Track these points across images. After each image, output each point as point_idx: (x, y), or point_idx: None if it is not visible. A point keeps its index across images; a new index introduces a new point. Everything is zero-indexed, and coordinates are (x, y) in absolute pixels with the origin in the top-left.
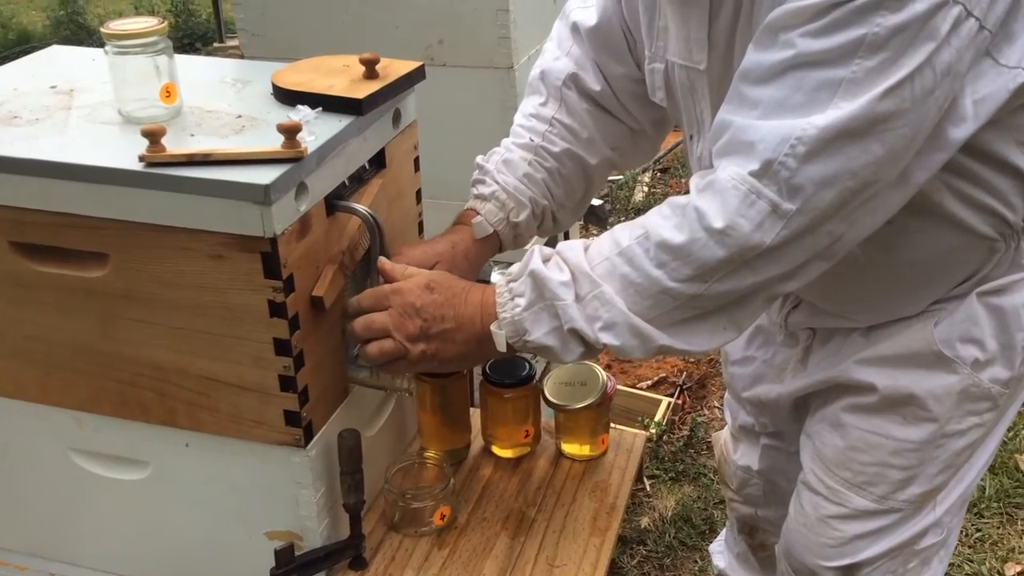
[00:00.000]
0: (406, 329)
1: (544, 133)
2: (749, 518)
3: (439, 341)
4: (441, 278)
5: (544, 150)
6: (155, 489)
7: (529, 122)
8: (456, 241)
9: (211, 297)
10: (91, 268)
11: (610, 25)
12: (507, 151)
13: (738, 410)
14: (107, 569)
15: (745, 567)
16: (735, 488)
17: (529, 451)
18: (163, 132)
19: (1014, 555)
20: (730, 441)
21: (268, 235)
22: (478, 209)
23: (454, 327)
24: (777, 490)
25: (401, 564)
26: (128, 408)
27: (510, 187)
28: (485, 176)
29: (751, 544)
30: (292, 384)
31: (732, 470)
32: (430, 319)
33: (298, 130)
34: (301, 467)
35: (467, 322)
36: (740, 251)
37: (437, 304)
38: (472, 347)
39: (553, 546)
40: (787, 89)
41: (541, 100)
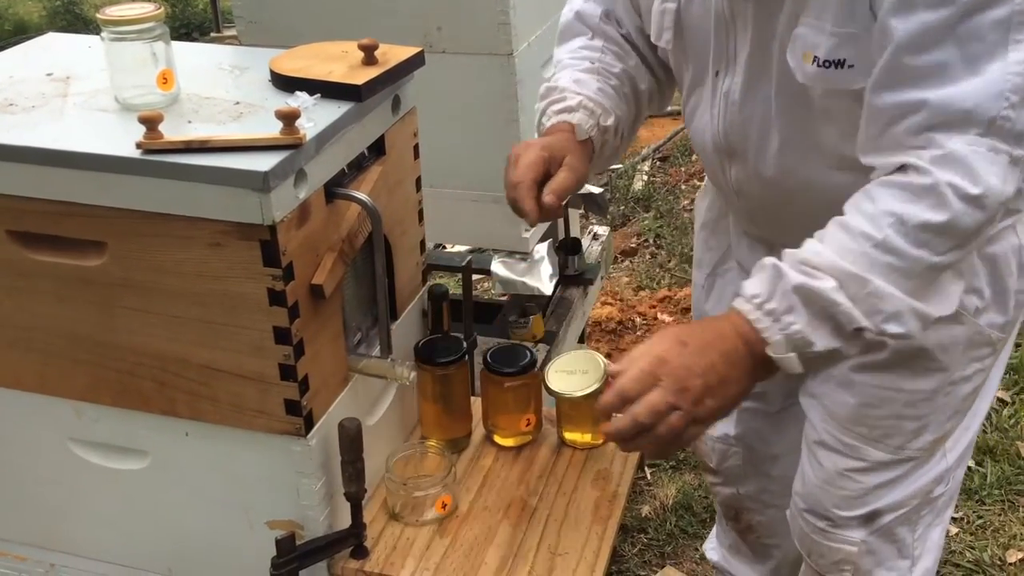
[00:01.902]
0: (690, 394)
1: (599, 58)
2: (732, 499)
3: (721, 389)
4: (680, 331)
5: (605, 70)
6: (155, 479)
7: (581, 53)
8: (562, 137)
9: (210, 285)
10: (89, 257)
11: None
12: (571, 71)
13: None
14: (107, 559)
15: (738, 557)
16: (715, 465)
17: (530, 440)
18: (160, 119)
19: (1016, 542)
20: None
21: (267, 223)
22: (569, 120)
23: (727, 369)
24: (755, 456)
25: (402, 553)
26: (127, 398)
27: (591, 96)
28: (564, 93)
29: (738, 529)
30: (292, 373)
31: (710, 445)
32: (704, 372)
33: (296, 116)
34: (302, 456)
35: (737, 359)
36: (995, 209)
37: (702, 355)
38: (749, 381)
39: (555, 534)
40: (962, 44)
41: (587, 36)
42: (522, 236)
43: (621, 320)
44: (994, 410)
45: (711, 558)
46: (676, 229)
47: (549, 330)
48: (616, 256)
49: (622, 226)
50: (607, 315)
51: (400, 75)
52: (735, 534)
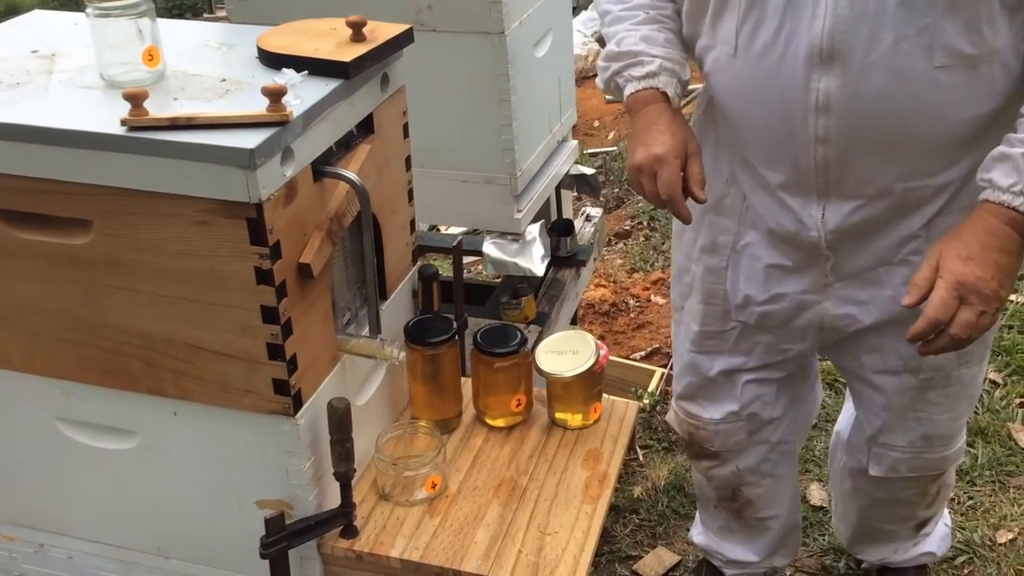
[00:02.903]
0: (992, 298)
1: (651, 4)
2: (731, 477)
3: (1009, 276)
4: (955, 247)
5: (662, 16)
6: (144, 458)
7: (630, 3)
8: (675, 117)
9: (196, 264)
10: (75, 235)
11: None
12: (636, 30)
13: (716, 359)
14: (96, 539)
15: (730, 538)
16: (718, 447)
17: (521, 420)
18: (145, 96)
19: (1005, 523)
20: (692, 407)
21: (253, 201)
22: (655, 85)
23: (1008, 260)
24: (758, 426)
25: (392, 532)
26: (115, 377)
27: (665, 55)
28: (639, 57)
29: (735, 508)
30: (280, 352)
31: (711, 431)
32: (994, 273)
33: (283, 93)
34: (291, 436)
35: (1012, 246)
36: None
37: (985, 260)
38: (1019, 257)
39: (545, 514)
40: None
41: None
42: (514, 217)
43: (614, 302)
44: (986, 392)
45: (698, 542)
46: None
47: (541, 311)
48: (610, 238)
49: (616, 208)
50: (600, 297)
51: (389, 52)
52: (728, 515)
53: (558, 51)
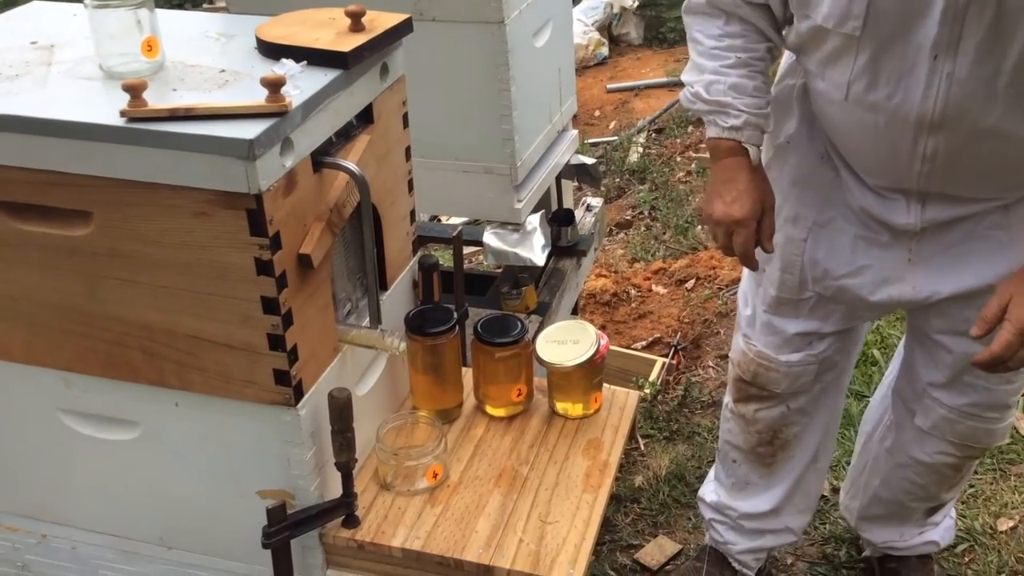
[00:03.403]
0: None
1: (743, 46)
2: (778, 419)
3: None
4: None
5: (752, 60)
6: (146, 449)
7: (724, 42)
8: (753, 176)
9: (197, 255)
10: (75, 226)
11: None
12: (725, 76)
13: (792, 322)
14: (99, 529)
15: (744, 493)
16: (783, 388)
17: (522, 410)
18: (144, 86)
19: (1007, 510)
20: (768, 351)
21: (253, 191)
22: (738, 139)
23: None
24: (828, 364)
25: (394, 522)
26: (116, 368)
27: (753, 107)
28: (727, 108)
29: (767, 454)
30: (281, 343)
31: (782, 372)
32: None
33: (282, 84)
34: (292, 426)
35: None
36: None
37: None
38: None
39: (546, 503)
40: None
41: (723, 20)
42: (514, 207)
43: (616, 292)
44: None
45: (710, 500)
46: (671, 201)
47: (542, 301)
48: (611, 228)
49: (617, 198)
50: (601, 287)
51: (387, 42)
52: (750, 466)
53: (558, 40)
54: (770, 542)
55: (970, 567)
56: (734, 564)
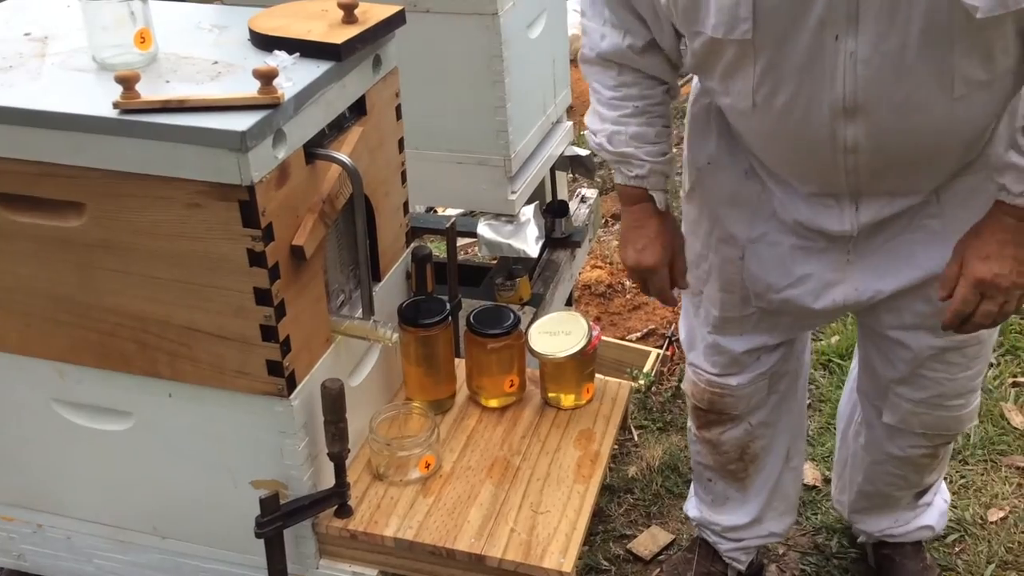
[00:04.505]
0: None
1: (640, 94)
2: (742, 436)
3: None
4: (974, 246)
5: (650, 107)
6: (139, 440)
7: (620, 92)
8: (662, 223)
9: (189, 246)
10: (68, 218)
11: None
12: (626, 126)
13: (739, 340)
14: (93, 519)
15: (724, 507)
16: (741, 410)
17: (514, 401)
18: (137, 78)
19: (997, 501)
20: (719, 379)
21: (246, 183)
22: (644, 187)
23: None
24: (778, 375)
25: (386, 512)
26: (109, 359)
27: (656, 155)
28: (630, 159)
29: (738, 469)
30: (274, 334)
31: (737, 397)
32: (1011, 269)
33: (274, 76)
34: (285, 416)
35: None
36: None
37: (1003, 257)
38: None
39: (537, 493)
40: None
41: (615, 72)
42: (508, 198)
43: (610, 283)
44: None
45: (692, 516)
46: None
47: (536, 293)
48: (606, 220)
49: (611, 190)
50: (596, 278)
51: (380, 34)
52: (725, 484)
53: (552, 32)
54: (758, 543)
55: (960, 557)
56: (724, 558)
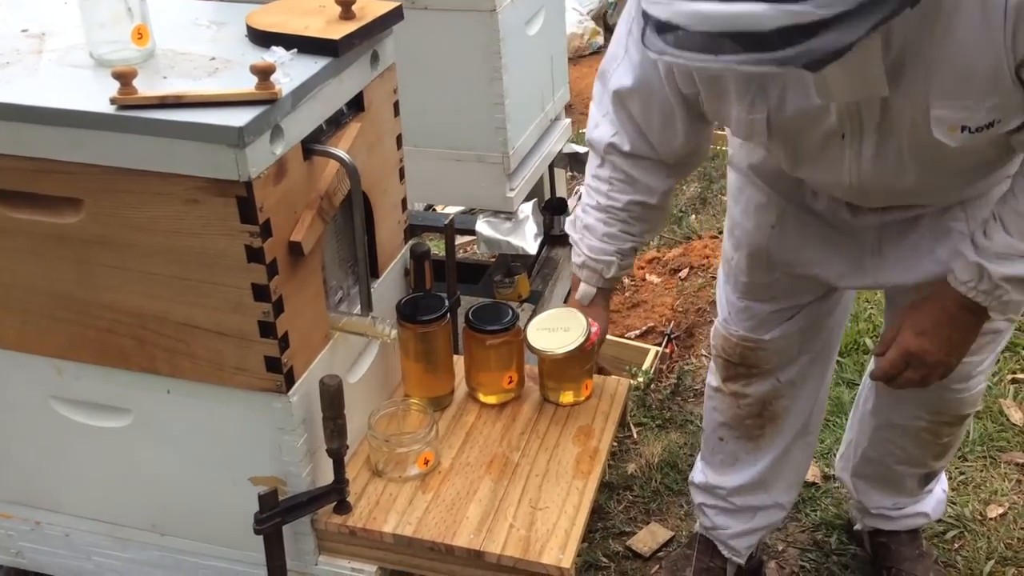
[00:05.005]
0: (936, 367)
1: (607, 193)
2: (767, 392)
3: (959, 348)
4: (915, 321)
5: (611, 208)
6: (138, 436)
7: (594, 183)
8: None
9: (187, 242)
10: (65, 214)
11: (649, 86)
12: (585, 214)
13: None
14: (92, 516)
15: (733, 469)
16: (773, 365)
17: (513, 397)
18: (134, 74)
19: (996, 497)
20: (751, 333)
21: (243, 179)
22: (579, 276)
23: (961, 334)
24: (814, 331)
25: (385, 508)
26: (107, 355)
27: (596, 252)
28: (575, 246)
29: (757, 425)
30: (272, 330)
31: (768, 351)
32: (941, 347)
33: (272, 71)
34: (283, 413)
35: (965, 323)
36: None
37: (937, 337)
38: (977, 329)
39: (536, 489)
40: None
41: (597, 163)
42: (506, 196)
43: None
44: None
45: (699, 480)
46: None
47: (535, 290)
48: None
49: None
50: None
51: (378, 30)
52: (737, 444)
53: (550, 29)
54: (760, 522)
55: (960, 553)
56: (724, 551)
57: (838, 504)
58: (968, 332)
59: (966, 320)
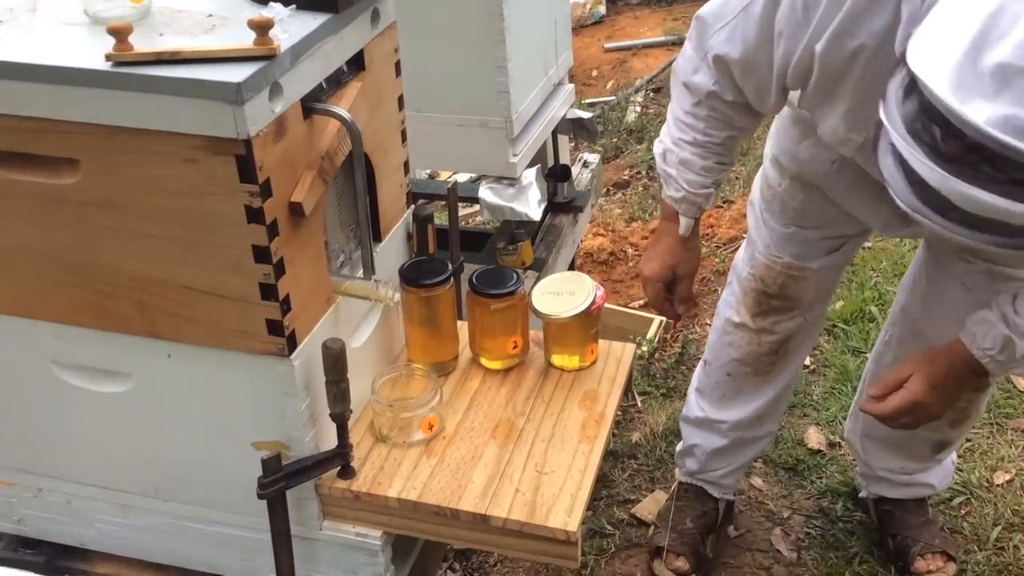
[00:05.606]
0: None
1: (704, 130)
2: (792, 329)
3: (954, 402)
4: (929, 375)
5: (709, 143)
6: (139, 401)
7: (689, 120)
8: (675, 244)
9: (186, 202)
10: (63, 175)
11: (754, 64)
12: (679, 148)
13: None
14: (94, 482)
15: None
16: (810, 297)
17: (518, 362)
18: (130, 30)
19: (1003, 464)
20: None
21: (242, 137)
22: (677, 209)
23: (961, 390)
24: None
25: (390, 473)
26: (107, 319)
27: (695, 186)
28: (671, 180)
29: (767, 363)
30: (273, 292)
31: (811, 280)
32: (946, 403)
33: (270, 26)
34: (286, 376)
35: (968, 381)
36: None
37: (946, 394)
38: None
39: (542, 453)
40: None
41: (693, 102)
42: (509, 161)
43: (613, 251)
44: None
45: (695, 416)
46: None
47: (538, 257)
48: (608, 188)
49: (615, 158)
50: (599, 246)
51: None
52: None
53: None
54: (750, 454)
55: (966, 520)
56: (714, 492)
57: (843, 471)
58: (966, 389)
59: (970, 379)
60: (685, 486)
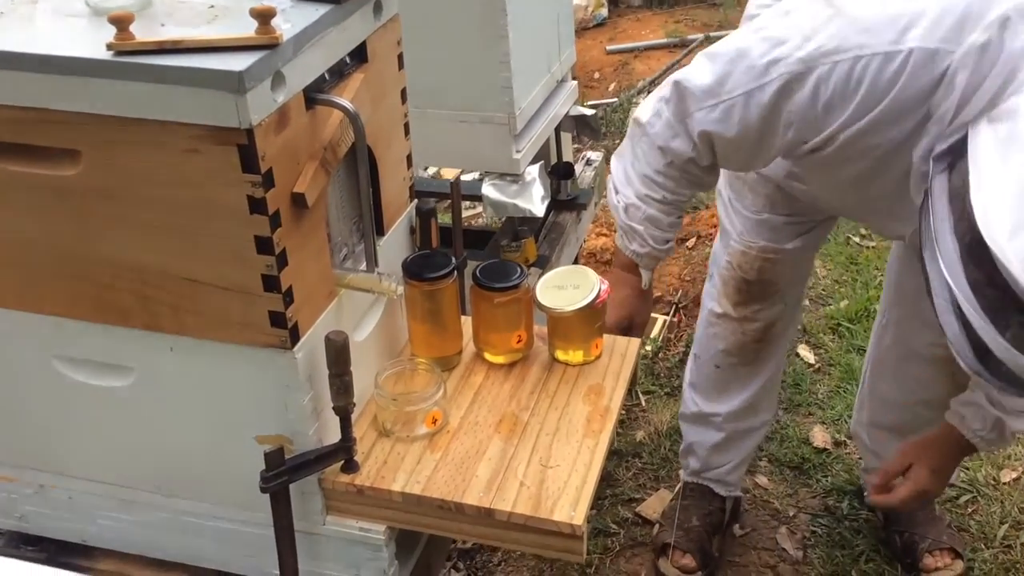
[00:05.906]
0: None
1: (674, 189)
2: (774, 315)
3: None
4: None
5: (678, 201)
6: (141, 395)
7: (659, 179)
8: (632, 294)
9: (188, 193)
10: (64, 166)
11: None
12: (646, 205)
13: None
14: (96, 478)
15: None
16: (787, 281)
17: (522, 357)
18: (131, 19)
19: (1010, 462)
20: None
21: (244, 126)
22: (639, 263)
23: (955, 467)
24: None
25: (393, 467)
26: (109, 312)
27: (659, 241)
28: (635, 235)
29: (752, 352)
30: (276, 284)
31: (788, 263)
32: (944, 482)
33: (272, 15)
34: (288, 369)
35: (961, 458)
36: None
37: (945, 476)
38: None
39: (547, 448)
40: None
41: (667, 162)
42: (513, 157)
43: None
44: None
45: (691, 411)
46: None
47: (542, 254)
48: None
49: None
50: (602, 246)
51: None
52: (735, 368)
53: None
54: (749, 446)
55: (973, 518)
56: (719, 489)
57: (849, 470)
58: (957, 464)
59: (962, 456)
60: (691, 486)
